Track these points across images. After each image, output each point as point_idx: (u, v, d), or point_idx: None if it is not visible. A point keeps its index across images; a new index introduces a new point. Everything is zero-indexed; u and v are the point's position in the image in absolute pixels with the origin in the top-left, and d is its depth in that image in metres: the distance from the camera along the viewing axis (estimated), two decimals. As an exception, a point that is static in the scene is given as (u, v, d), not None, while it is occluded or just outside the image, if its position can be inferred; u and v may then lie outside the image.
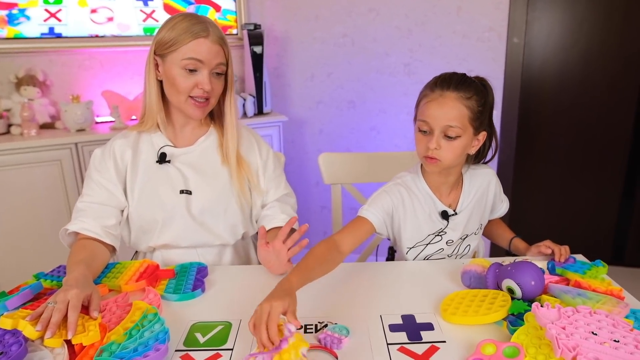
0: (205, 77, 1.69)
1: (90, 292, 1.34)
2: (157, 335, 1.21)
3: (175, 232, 1.83)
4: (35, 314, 1.22)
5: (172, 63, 1.68)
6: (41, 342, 1.19)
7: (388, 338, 1.29)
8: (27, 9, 3.21)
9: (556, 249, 1.72)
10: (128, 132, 1.87)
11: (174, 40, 1.66)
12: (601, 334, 1.10)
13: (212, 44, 1.69)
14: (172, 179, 1.82)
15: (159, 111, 1.79)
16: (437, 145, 1.62)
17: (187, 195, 1.82)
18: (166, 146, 1.83)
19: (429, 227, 1.81)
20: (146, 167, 1.81)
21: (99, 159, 1.80)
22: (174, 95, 1.74)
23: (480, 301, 1.39)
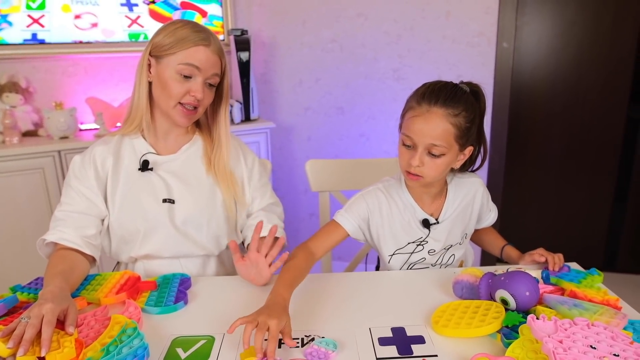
0: (199, 84, 1.68)
1: (67, 306, 1.29)
2: (135, 352, 1.17)
3: (157, 243, 1.79)
4: (7, 330, 1.17)
5: (167, 66, 1.66)
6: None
7: (377, 352, 1.26)
8: (10, 15, 3.19)
9: (550, 257, 1.69)
10: (109, 137, 1.83)
11: (174, 44, 1.65)
12: (600, 348, 1.07)
13: (211, 53, 1.69)
14: (155, 188, 1.78)
15: (145, 112, 1.76)
16: (419, 162, 1.58)
17: (170, 204, 1.78)
18: (149, 153, 1.80)
19: (409, 235, 1.78)
20: (128, 175, 1.77)
21: (78, 166, 1.76)
22: (163, 99, 1.71)
23: (473, 312, 1.36)
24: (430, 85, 1.62)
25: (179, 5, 3.65)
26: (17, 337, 1.14)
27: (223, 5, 3.79)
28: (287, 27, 3.95)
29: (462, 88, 1.62)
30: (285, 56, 4.02)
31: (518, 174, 4.11)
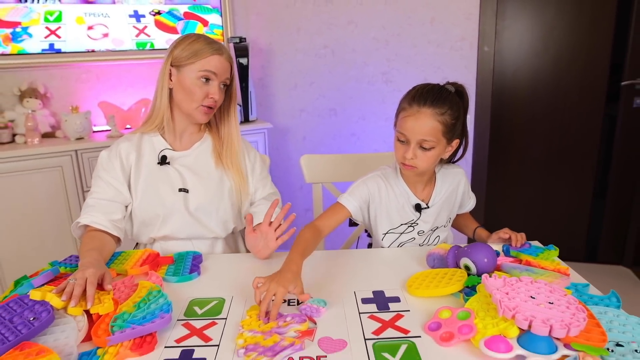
0: (216, 87, 1.94)
1: (104, 272, 1.54)
2: (161, 307, 1.39)
3: (173, 226, 2.03)
4: (59, 289, 1.41)
5: (188, 73, 1.92)
6: (65, 311, 1.37)
7: (360, 308, 1.48)
8: (30, 27, 3.38)
9: (513, 235, 1.91)
10: (131, 135, 2.08)
11: (193, 54, 1.91)
12: (539, 298, 1.28)
13: (224, 60, 1.96)
14: (172, 179, 2.02)
15: (166, 114, 2.00)
16: (413, 155, 1.82)
17: (184, 193, 2.02)
18: (166, 149, 2.04)
19: (402, 217, 2.01)
20: (148, 168, 2.01)
21: (106, 160, 2.00)
22: (187, 102, 1.96)
23: (441, 278, 1.58)
24: (420, 88, 1.86)
25: (183, 15, 3.82)
26: (68, 293, 1.39)
27: (223, 15, 3.94)
28: (283, 34, 4.11)
29: (448, 89, 1.86)
30: (281, 61, 4.18)
31: (501, 171, 4.24)
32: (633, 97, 3.84)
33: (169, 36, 3.82)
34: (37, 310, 1.33)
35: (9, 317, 1.31)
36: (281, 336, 1.31)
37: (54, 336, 1.29)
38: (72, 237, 3.28)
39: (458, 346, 1.27)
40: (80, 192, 3.27)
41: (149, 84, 3.90)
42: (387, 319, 1.42)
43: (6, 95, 3.49)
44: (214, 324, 1.42)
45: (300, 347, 1.27)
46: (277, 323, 1.38)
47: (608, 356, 1.15)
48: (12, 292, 1.57)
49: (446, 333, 1.30)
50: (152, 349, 1.28)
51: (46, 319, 1.30)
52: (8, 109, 3.44)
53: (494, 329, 1.25)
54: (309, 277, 1.69)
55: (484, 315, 1.32)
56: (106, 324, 1.32)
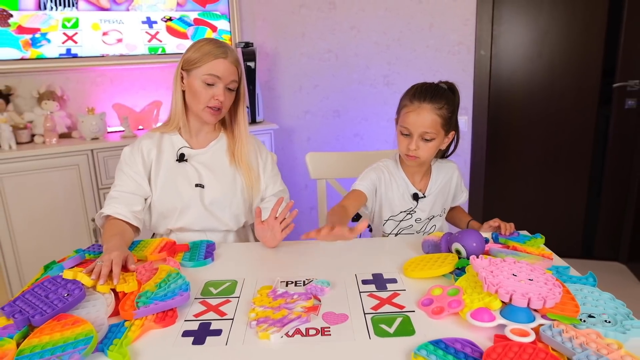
0: (220, 90, 2.05)
1: (127, 254, 1.69)
2: (180, 286, 1.53)
3: (189, 218, 2.17)
4: (88, 269, 1.56)
5: (195, 77, 2.05)
6: (94, 289, 1.51)
7: (360, 288, 1.62)
8: (48, 33, 3.52)
9: (502, 224, 2.05)
10: (152, 133, 2.21)
11: (199, 58, 2.03)
12: (520, 275, 1.41)
13: (229, 64, 2.05)
14: (189, 175, 2.16)
15: (181, 116, 2.14)
16: (416, 146, 2.01)
17: (200, 188, 2.16)
18: (184, 147, 2.18)
19: (401, 205, 2.19)
20: (168, 164, 2.15)
21: (128, 155, 2.14)
22: (194, 103, 2.09)
23: (434, 261, 1.72)
24: (419, 86, 2.06)
25: (193, 21, 3.94)
26: (96, 273, 1.53)
27: (231, 21, 4.05)
28: (288, 39, 4.22)
29: (442, 86, 2.06)
30: (287, 65, 4.29)
31: (499, 170, 4.34)
32: (624, 98, 3.95)
33: (179, 41, 3.93)
34: (70, 287, 1.47)
35: (44, 294, 1.45)
36: (289, 311, 1.45)
37: (86, 310, 1.42)
38: (87, 231, 3.43)
39: (447, 318, 1.41)
40: (95, 189, 3.41)
41: (161, 87, 4.02)
42: (384, 297, 1.55)
43: (25, 97, 3.62)
44: (228, 301, 1.55)
45: (307, 319, 1.41)
46: (285, 300, 1.51)
47: (579, 324, 1.29)
48: (43, 275, 1.70)
49: (437, 307, 1.43)
50: (173, 322, 1.42)
51: (78, 295, 1.44)
52: (27, 111, 3.56)
53: (480, 302, 1.38)
54: (311, 260, 1.86)
55: (471, 292, 1.45)
56: (131, 301, 1.45)
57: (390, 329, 1.37)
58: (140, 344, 1.33)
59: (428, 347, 1.22)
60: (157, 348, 1.31)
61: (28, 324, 1.35)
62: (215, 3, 4.00)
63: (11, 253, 3.29)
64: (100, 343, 1.28)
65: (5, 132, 3.28)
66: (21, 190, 3.23)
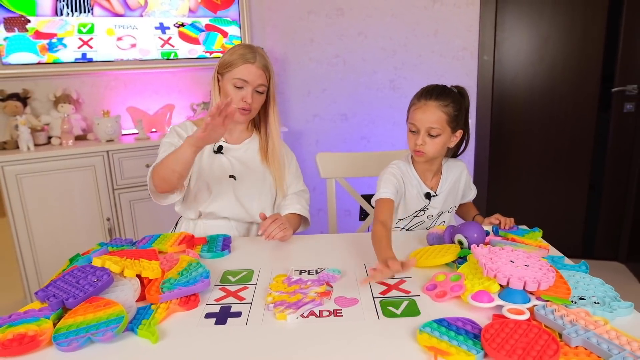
0: (248, 93, 2.18)
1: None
2: (201, 274, 1.62)
3: (221, 205, 2.30)
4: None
5: (227, 80, 2.20)
6: (122, 275, 1.60)
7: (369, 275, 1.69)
8: (64, 38, 3.62)
9: (502, 219, 2.15)
10: (193, 124, 2.35)
11: (230, 63, 2.18)
12: (517, 262, 1.51)
13: (256, 69, 2.18)
14: (224, 166, 2.30)
15: None
16: (422, 142, 2.08)
17: (233, 180, 2.30)
18: (221, 141, 2.32)
19: (416, 205, 2.26)
20: (207, 154, 2.29)
21: (179, 131, 2.28)
22: None
23: (438, 251, 1.82)
24: (427, 87, 2.14)
25: (204, 27, 4.01)
26: (216, 114, 1.80)
27: (241, 27, 4.12)
28: (297, 44, 4.28)
29: (451, 88, 2.14)
30: (296, 70, 4.35)
31: (501, 171, 4.40)
32: (623, 102, 4.01)
33: (191, 46, 4.01)
34: (98, 274, 1.56)
35: (75, 280, 1.54)
36: (304, 295, 1.54)
37: (115, 294, 1.51)
38: (102, 230, 3.54)
39: (450, 301, 1.50)
40: (110, 189, 3.50)
41: (173, 91, 4.10)
42: (392, 284, 1.64)
43: (42, 100, 3.71)
44: (246, 288, 1.64)
45: (320, 302, 1.50)
46: (299, 286, 1.60)
47: (570, 305, 1.39)
48: (69, 266, 1.78)
49: (441, 291, 1.53)
50: (196, 306, 1.51)
51: (107, 280, 1.53)
52: (44, 114, 3.66)
53: (480, 286, 1.47)
54: (325, 253, 1.95)
55: (472, 277, 1.54)
56: (156, 287, 1.54)
57: (397, 311, 1.46)
58: (167, 324, 1.42)
59: (432, 324, 1.32)
60: (183, 328, 1.40)
61: (62, 307, 1.45)
62: (226, 9, 4.07)
63: (29, 251, 3.37)
64: (130, 323, 1.37)
65: (23, 134, 3.37)
66: (39, 190, 3.32)
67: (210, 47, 4.09)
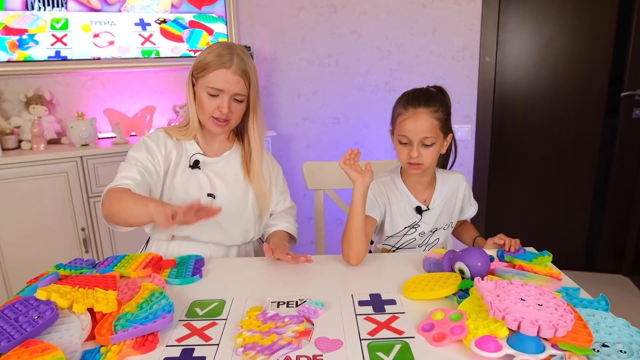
0: (224, 102, 1.96)
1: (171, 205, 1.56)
2: (163, 307, 1.43)
3: (197, 228, 2.00)
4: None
5: (200, 87, 1.98)
6: (70, 310, 1.41)
7: (357, 310, 1.51)
8: (36, 34, 3.43)
9: (507, 240, 1.95)
10: (169, 133, 2.11)
11: (204, 67, 1.95)
12: (528, 300, 1.31)
13: (232, 74, 1.94)
14: (201, 183, 2.08)
15: (199, 125, 2.07)
16: (418, 153, 1.93)
17: (211, 198, 2.08)
18: (197, 154, 2.10)
19: (404, 221, 2.09)
20: (182, 170, 2.07)
21: (149, 144, 2.04)
22: (200, 113, 2.02)
23: (436, 281, 1.62)
24: (410, 93, 1.99)
25: (188, 24, 3.86)
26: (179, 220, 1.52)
27: (228, 24, 3.97)
28: (287, 43, 4.15)
29: (432, 90, 2.00)
30: (285, 70, 4.22)
31: (501, 178, 4.27)
32: (633, 107, 3.88)
33: (174, 44, 3.86)
34: (41, 309, 1.37)
35: (14, 316, 1.35)
36: (279, 336, 1.35)
37: (59, 334, 1.32)
38: (77, 241, 3.35)
39: (450, 346, 1.30)
40: (85, 197, 3.31)
41: (154, 92, 3.96)
42: (382, 321, 1.45)
43: (12, 101, 3.55)
44: (214, 324, 1.46)
45: (297, 346, 1.31)
46: (275, 323, 1.40)
47: (593, 356, 1.18)
48: (17, 295, 1.60)
49: (439, 334, 1.33)
50: (153, 348, 1.32)
51: (50, 316, 1.33)
52: (14, 115, 3.50)
53: (485, 329, 1.28)
54: (306, 279, 1.77)
55: (475, 317, 1.35)
56: (109, 323, 1.35)
57: (387, 358, 1.27)
58: (116, 373, 1.23)
59: (429, 381, 1.12)
60: (135, 378, 1.21)
61: (-5, 350, 1.26)
62: (212, 5, 3.93)
63: (-3, 264, 3.20)
64: (72, 372, 1.17)
65: (-9, 138, 3.20)
66: (7, 199, 3.14)
67: (194, 46, 3.94)
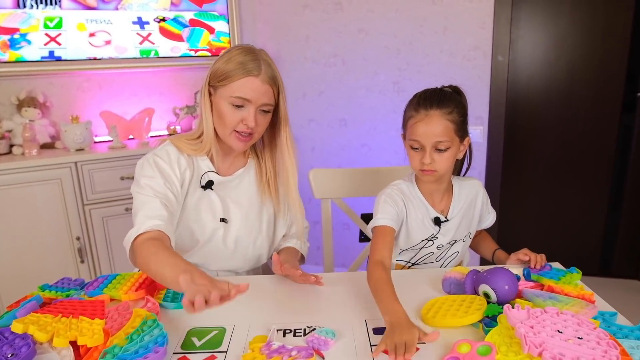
0: (251, 114, 1.75)
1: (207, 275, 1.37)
2: (156, 339, 1.29)
3: (207, 256, 1.91)
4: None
5: (221, 97, 1.76)
6: (50, 344, 1.27)
7: (372, 340, 1.37)
8: (28, 34, 3.32)
9: (532, 256, 1.81)
10: (177, 151, 1.86)
11: (226, 75, 1.73)
12: (566, 332, 1.18)
13: (261, 83, 1.74)
14: (214, 206, 1.89)
15: (213, 140, 1.86)
16: (431, 159, 1.76)
17: (224, 224, 1.90)
18: (210, 172, 1.90)
19: (422, 233, 1.92)
20: (194, 190, 1.87)
21: (162, 165, 1.80)
22: (220, 127, 1.81)
23: (459, 305, 1.48)
24: (421, 94, 1.82)
25: (188, 22, 3.75)
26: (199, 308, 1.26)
27: (230, 22, 3.88)
28: (291, 42, 4.05)
29: (447, 90, 1.83)
30: (289, 70, 4.10)
31: (515, 181, 4.17)
32: (650, 107, 3.75)
33: (174, 44, 3.76)
34: (17, 344, 1.25)
35: None
36: (286, 373, 1.20)
37: None
38: (72, 251, 3.22)
39: (478, 386, 1.15)
40: (80, 205, 3.18)
41: (153, 93, 3.86)
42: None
43: (4, 104, 3.44)
44: (213, 358, 1.33)
45: (306, 384, 1.16)
46: (281, 358, 1.27)
47: None
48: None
49: (465, 371, 1.19)
50: None
51: (26, 354, 1.21)
52: (6, 119, 3.38)
53: None
54: (314, 302, 1.64)
55: (506, 351, 1.21)
56: (94, 359, 1.23)
57: None
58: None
59: None
60: None
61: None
62: (213, 2, 3.84)
63: (-12, 276, 3.08)
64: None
65: (-19, 142, 3.09)
66: (-2, 206, 3.02)
67: (195, 45, 3.84)
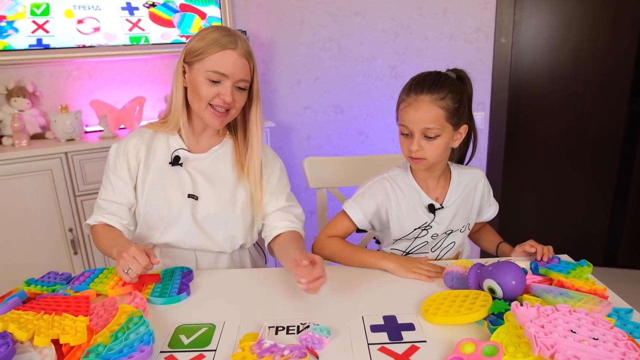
0: (227, 89, 1.74)
1: (142, 246, 1.55)
2: (142, 337, 1.25)
3: (177, 234, 1.89)
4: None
5: (197, 71, 1.74)
6: (30, 343, 1.23)
7: (369, 338, 1.32)
8: (15, 21, 3.25)
9: (539, 248, 1.75)
10: (145, 129, 1.95)
11: (202, 49, 1.72)
12: (580, 332, 1.12)
13: (238, 56, 1.74)
14: (183, 182, 1.88)
15: (182, 115, 1.85)
16: (418, 147, 1.70)
17: (193, 200, 1.87)
18: (181, 149, 1.89)
19: (415, 221, 1.87)
20: (159, 167, 1.88)
21: (113, 158, 1.90)
22: (195, 102, 1.79)
23: (462, 301, 1.41)
24: (416, 77, 1.76)
25: (179, 7, 3.69)
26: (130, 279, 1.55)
27: (221, 6, 3.80)
28: (285, 27, 3.98)
29: (447, 74, 1.76)
30: (284, 56, 4.05)
31: (517, 169, 4.14)
32: (660, 93, 3.70)
33: (164, 30, 3.69)
34: None
35: None
36: (278, 374, 1.15)
37: None
38: (64, 243, 3.18)
39: (485, 389, 1.10)
40: (71, 196, 3.14)
41: (144, 81, 3.81)
42: (400, 352, 1.26)
43: None
44: (201, 357, 1.28)
45: (300, 386, 1.11)
46: (273, 357, 1.21)
47: None
48: None
49: (470, 373, 1.13)
50: None
51: (5, 354, 1.17)
52: None
53: None
54: (308, 297, 1.56)
55: (514, 351, 1.15)
56: (77, 358, 1.19)
57: None
58: None
59: None
60: None
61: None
62: None
63: (-23, 270, 3.05)
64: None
65: (-31, 134, 3.05)
66: (-13, 199, 2.98)
67: (186, 31, 3.77)
